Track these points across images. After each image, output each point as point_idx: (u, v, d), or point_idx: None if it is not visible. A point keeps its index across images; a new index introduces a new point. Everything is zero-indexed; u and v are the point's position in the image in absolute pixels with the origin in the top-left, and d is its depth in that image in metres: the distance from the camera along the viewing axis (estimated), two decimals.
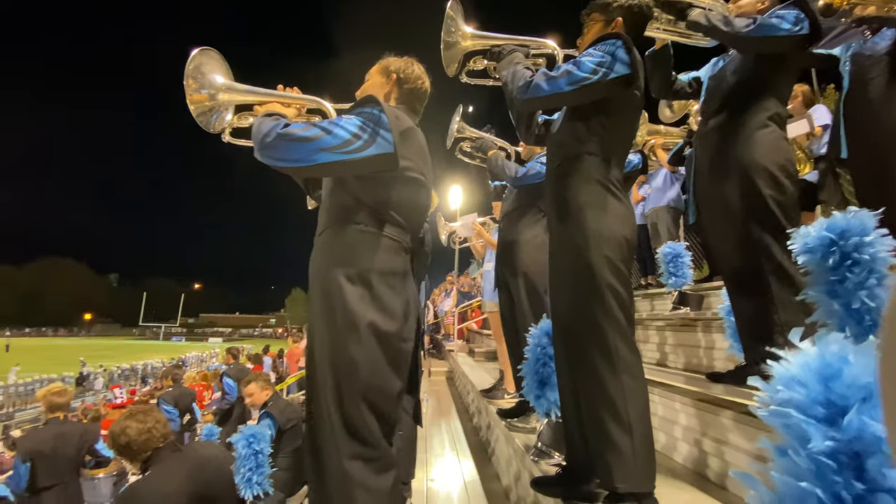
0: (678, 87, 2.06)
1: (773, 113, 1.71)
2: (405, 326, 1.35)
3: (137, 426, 1.69)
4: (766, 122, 1.68)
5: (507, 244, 2.59)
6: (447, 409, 5.17)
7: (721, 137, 1.76)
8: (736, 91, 1.77)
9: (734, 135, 1.71)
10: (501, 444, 2.85)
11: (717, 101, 1.82)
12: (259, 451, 2.55)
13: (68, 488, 3.30)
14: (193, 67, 1.47)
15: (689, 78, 2.07)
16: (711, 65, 1.98)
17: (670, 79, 2.04)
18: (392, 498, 1.28)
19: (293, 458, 2.98)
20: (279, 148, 1.24)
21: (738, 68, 1.78)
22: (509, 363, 3.14)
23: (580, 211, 1.39)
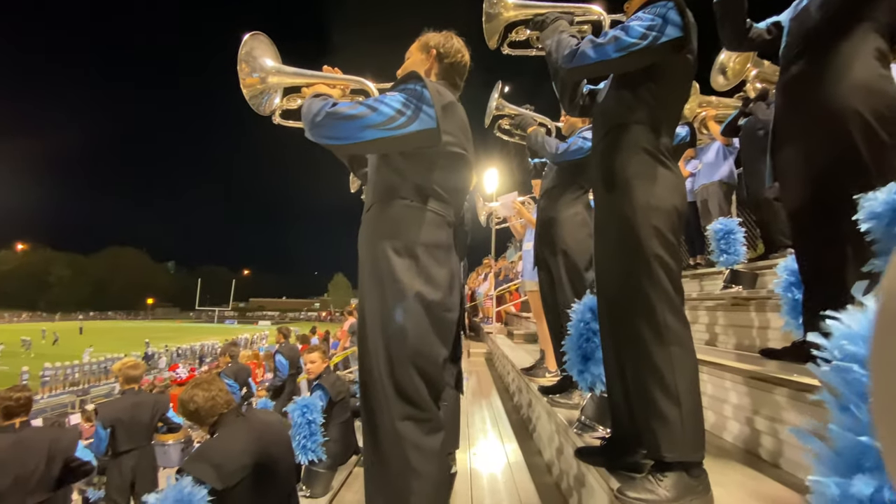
0: (754, 35, 1.84)
1: (873, 48, 1.45)
2: (449, 297, 1.39)
3: (203, 394, 1.84)
4: (864, 58, 1.44)
5: (546, 222, 2.57)
6: (487, 389, 5.24)
7: (807, 83, 1.53)
8: (822, 27, 1.52)
9: (822, 78, 1.47)
10: (543, 421, 2.88)
11: (801, 44, 1.60)
12: (312, 421, 2.72)
13: (144, 452, 3.65)
14: (245, 52, 1.52)
15: (768, 24, 1.84)
16: (793, 7, 1.76)
17: (744, 27, 1.82)
18: (441, 459, 1.35)
19: (342, 430, 3.14)
20: (328, 126, 1.28)
21: (825, 1, 1.54)
22: (550, 342, 3.14)
23: (628, 182, 1.36)
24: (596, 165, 1.52)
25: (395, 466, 1.25)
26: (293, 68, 1.62)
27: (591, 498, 1.80)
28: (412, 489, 1.22)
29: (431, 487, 1.26)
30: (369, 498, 1.31)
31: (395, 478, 1.24)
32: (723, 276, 3.23)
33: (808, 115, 1.54)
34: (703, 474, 1.28)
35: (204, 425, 1.86)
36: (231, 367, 5.35)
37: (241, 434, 1.80)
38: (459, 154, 1.45)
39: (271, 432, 1.94)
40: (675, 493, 1.22)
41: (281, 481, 1.86)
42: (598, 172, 1.50)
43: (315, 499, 2.59)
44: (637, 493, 1.25)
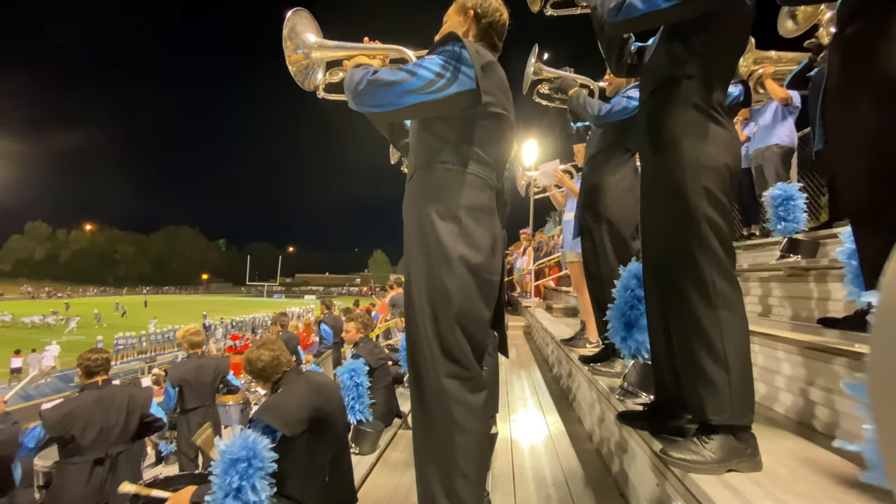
0: None
1: None
2: (492, 261, 1.40)
3: (269, 353, 1.99)
4: None
5: (591, 188, 2.49)
6: (526, 362, 5.29)
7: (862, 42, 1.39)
8: None
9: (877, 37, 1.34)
10: (583, 390, 2.89)
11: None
12: (359, 384, 2.86)
13: (208, 411, 3.99)
14: (289, 29, 1.54)
15: None
16: None
17: None
18: (484, 417, 1.39)
19: (385, 394, 3.28)
20: (370, 94, 1.30)
21: None
22: (592, 313, 3.11)
23: (676, 140, 1.30)
24: (643, 124, 1.46)
25: (439, 421, 1.30)
26: (334, 42, 1.63)
27: (632, 462, 1.82)
28: (456, 443, 1.27)
29: (475, 442, 1.31)
30: (418, 452, 1.37)
31: (440, 432, 1.29)
32: (779, 246, 3.05)
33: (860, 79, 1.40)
34: (751, 438, 1.26)
35: (268, 382, 2.01)
36: (281, 335, 5.68)
37: (301, 390, 1.94)
38: (500, 115, 1.43)
39: (327, 390, 2.07)
40: (721, 456, 1.22)
41: (336, 435, 1.99)
42: (644, 131, 1.44)
43: (364, 455, 2.75)
44: (681, 453, 1.25)
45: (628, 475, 1.87)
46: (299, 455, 1.79)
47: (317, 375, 2.13)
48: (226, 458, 1.56)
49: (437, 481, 1.28)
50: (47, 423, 2.79)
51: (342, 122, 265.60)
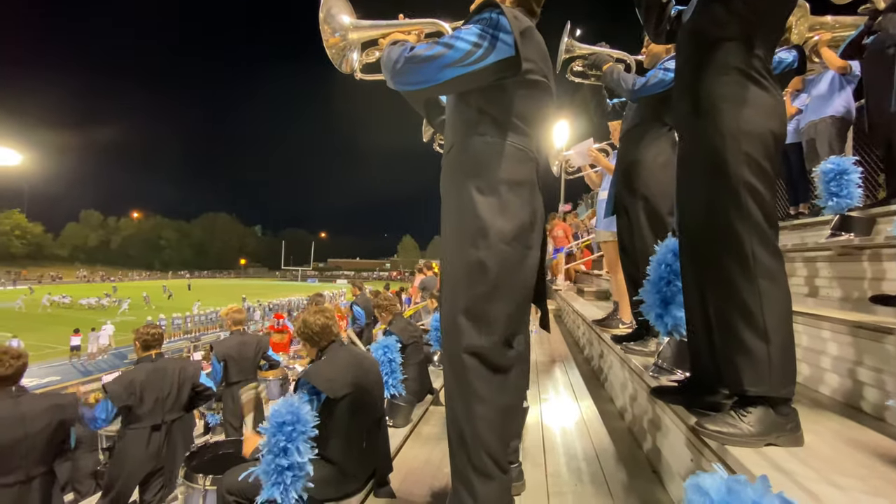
0: None
1: None
2: (532, 234, 1.38)
3: (323, 319, 2.10)
4: None
5: (627, 165, 2.43)
6: (557, 344, 5.27)
7: None
8: None
9: None
10: (615, 370, 2.87)
11: None
12: (392, 360, 2.95)
13: (249, 384, 4.21)
14: (325, 12, 1.54)
15: None
16: None
17: None
18: (510, 394, 1.40)
19: (418, 370, 3.37)
20: (408, 72, 1.29)
21: None
22: (625, 293, 3.06)
23: (715, 105, 1.25)
24: (680, 90, 1.41)
25: (461, 393, 1.32)
26: (369, 21, 1.62)
27: (665, 439, 1.81)
28: (476, 414, 1.29)
29: (496, 414, 1.32)
30: (448, 423, 1.41)
31: (462, 404, 1.32)
32: (829, 226, 2.88)
33: None
34: (792, 413, 1.23)
35: (314, 347, 2.11)
36: None
37: (343, 359, 2.03)
38: (540, 82, 1.39)
39: (366, 363, 2.16)
40: (760, 429, 1.19)
41: (373, 405, 2.08)
42: (682, 98, 1.39)
43: (398, 428, 2.85)
44: (717, 426, 1.23)
45: (661, 452, 1.86)
46: (340, 419, 1.88)
47: (355, 349, 2.21)
48: (273, 421, 1.66)
49: (463, 453, 1.31)
50: (111, 394, 3.03)
51: (372, 112, 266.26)
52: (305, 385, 1.83)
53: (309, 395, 1.82)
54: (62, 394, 2.86)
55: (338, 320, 7.06)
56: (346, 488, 1.95)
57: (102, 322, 20.64)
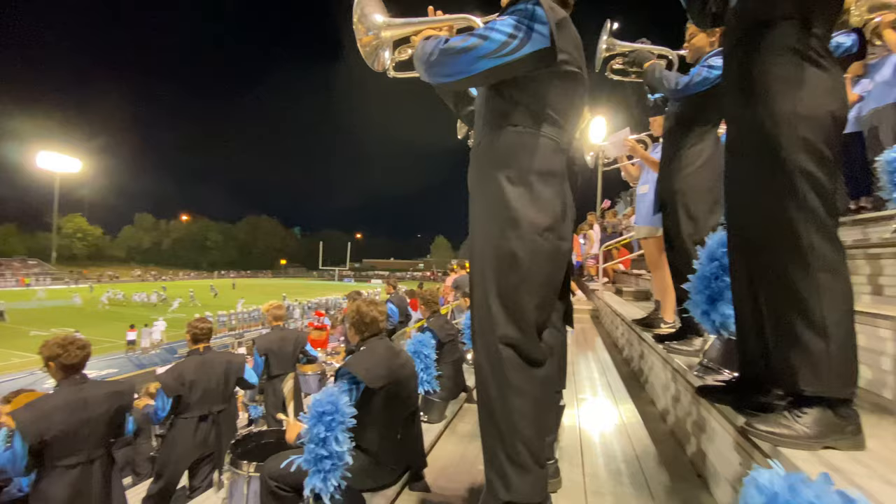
0: None
1: None
2: (562, 225, 1.36)
3: (377, 312, 2.18)
4: None
5: (668, 163, 2.36)
6: (594, 345, 5.15)
7: None
8: None
9: None
10: (657, 370, 2.77)
11: None
12: (427, 355, 2.96)
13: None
14: (360, 12, 1.56)
15: None
16: None
17: None
18: (544, 387, 1.38)
19: (453, 368, 3.37)
20: (442, 64, 1.29)
21: None
22: (668, 292, 2.95)
23: (769, 89, 1.17)
24: (730, 75, 1.33)
25: (497, 385, 1.31)
26: (401, 19, 1.63)
27: (711, 442, 1.73)
28: (514, 406, 1.28)
29: (533, 406, 1.30)
30: (481, 417, 1.39)
31: (500, 397, 1.30)
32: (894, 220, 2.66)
33: None
34: (852, 415, 1.14)
35: (359, 335, 2.19)
36: None
37: (381, 352, 2.09)
38: (575, 73, 1.37)
39: (402, 356, 2.21)
40: (817, 431, 1.12)
41: (408, 399, 2.11)
42: (732, 83, 1.32)
43: (432, 424, 2.86)
44: (770, 426, 1.16)
45: (707, 455, 1.78)
46: (377, 410, 1.92)
47: (393, 344, 2.25)
48: (314, 411, 1.71)
49: (499, 445, 1.30)
50: (164, 385, 3.21)
51: (407, 115, 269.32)
52: (346, 375, 1.88)
53: (348, 384, 1.87)
54: (120, 381, 3.06)
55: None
56: (382, 479, 1.98)
57: (155, 319, 21.93)
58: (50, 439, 2.39)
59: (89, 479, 2.54)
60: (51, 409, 2.43)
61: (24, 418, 2.37)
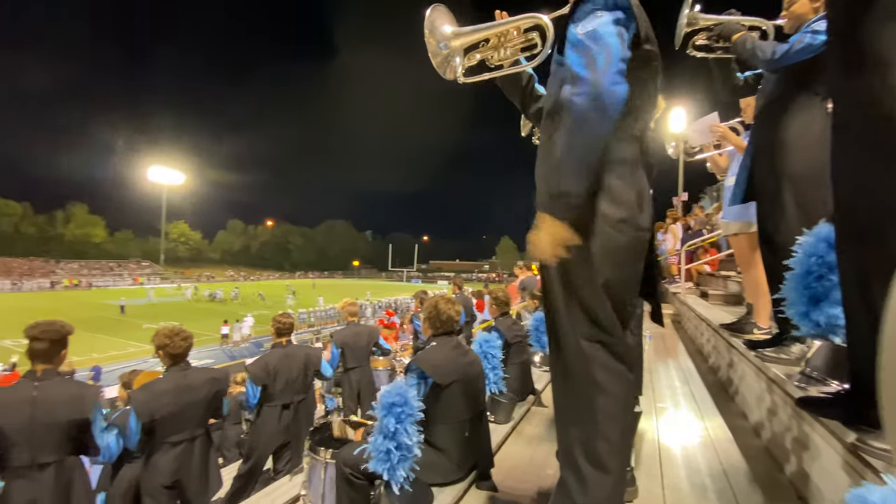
0: None
1: None
2: (639, 215, 1.29)
3: (453, 311, 2.24)
4: None
5: (767, 144, 2.08)
6: (675, 352, 4.79)
7: None
8: None
9: None
10: (749, 380, 2.51)
11: None
12: (493, 356, 2.95)
13: (364, 371, 4.58)
14: (429, 26, 1.58)
15: None
16: None
17: None
18: (629, 387, 1.31)
19: (520, 370, 3.33)
20: (591, 123, 1.16)
21: None
22: (763, 294, 2.67)
23: (882, 59, 1.01)
24: (835, 46, 1.18)
25: (580, 384, 1.26)
26: (469, 27, 1.63)
27: (814, 461, 1.54)
28: (598, 405, 1.23)
29: (617, 406, 1.24)
30: (559, 417, 1.36)
31: (581, 395, 1.26)
32: None
33: None
34: None
35: (432, 330, 2.24)
36: (419, 311, 6.17)
37: (450, 349, 2.13)
38: (652, 53, 1.29)
39: (471, 355, 2.24)
40: None
41: (476, 397, 2.12)
42: (837, 55, 1.16)
43: (499, 424, 2.84)
44: (886, 443, 1.01)
45: (810, 476, 1.58)
46: (445, 406, 1.95)
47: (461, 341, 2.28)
48: (384, 402, 1.78)
49: (579, 444, 1.26)
50: (252, 375, 3.51)
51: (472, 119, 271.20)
52: (416, 369, 1.93)
53: (417, 378, 1.91)
54: (217, 369, 3.40)
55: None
56: (449, 476, 2.00)
57: (244, 315, 24.08)
58: (160, 418, 2.72)
59: (191, 454, 2.85)
60: (161, 392, 2.76)
61: (139, 399, 2.71)
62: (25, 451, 2.27)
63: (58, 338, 2.44)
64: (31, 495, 2.27)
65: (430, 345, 2.14)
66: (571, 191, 1.16)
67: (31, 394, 2.32)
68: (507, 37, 1.64)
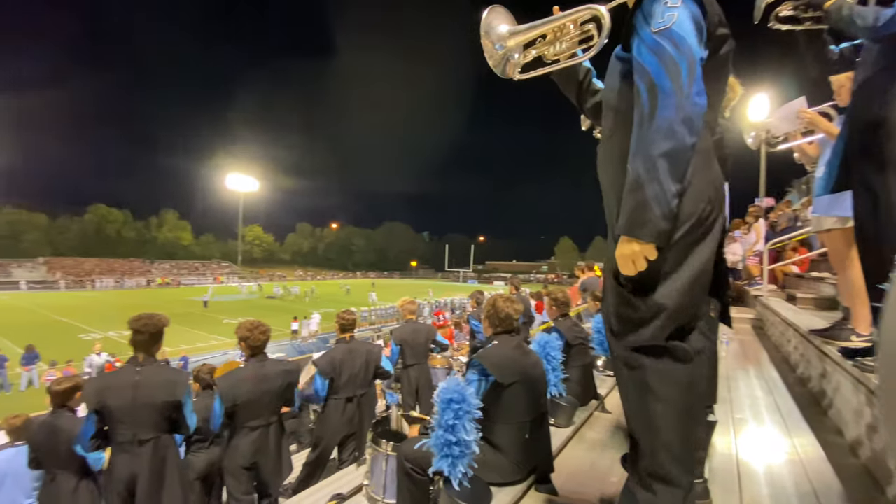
0: None
1: None
2: (712, 214, 1.21)
3: (512, 309, 2.22)
4: None
5: (866, 124, 1.83)
6: (757, 360, 4.39)
7: None
8: None
9: None
10: (845, 392, 2.25)
11: None
12: (553, 357, 2.88)
13: (422, 368, 4.67)
14: (486, 28, 1.58)
15: None
16: None
17: None
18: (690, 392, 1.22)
19: (582, 373, 3.22)
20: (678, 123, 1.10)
21: None
22: (861, 295, 2.37)
23: None
24: None
25: (637, 389, 1.22)
26: (525, 25, 1.60)
27: None
28: (655, 412, 1.18)
29: (676, 412, 1.18)
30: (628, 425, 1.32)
31: (638, 401, 1.22)
32: None
33: None
34: None
35: (491, 328, 2.24)
36: (475, 311, 6.17)
37: (512, 348, 2.12)
38: (725, 37, 1.19)
39: (533, 356, 2.21)
40: None
41: (538, 399, 2.08)
42: None
43: (559, 428, 2.78)
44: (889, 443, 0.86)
45: None
46: (506, 406, 1.94)
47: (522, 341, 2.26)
48: (442, 398, 1.80)
49: (642, 452, 1.22)
50: (319, 368, 3.72)
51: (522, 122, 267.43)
52: (478, 366, 1.94)
53: (478, 375, 1.92)
54: (290, 361, 3.63)
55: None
56: (508, 476, 1.99)
57: (312, 312, 25.45)
58: (241, 404, 2.96)
59: (267, 439, 3.07)
60: (242, 380, 3.01)
61: (223, 385, 2.97)
62: (128, 429, 2.59)
63: (156, 330, 2.75)
64: (131, 468, 2.57)
65: (490, 343, 2.14)
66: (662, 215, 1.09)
67: (133, 378, 2.63)
68: (564, 30, 1.60)
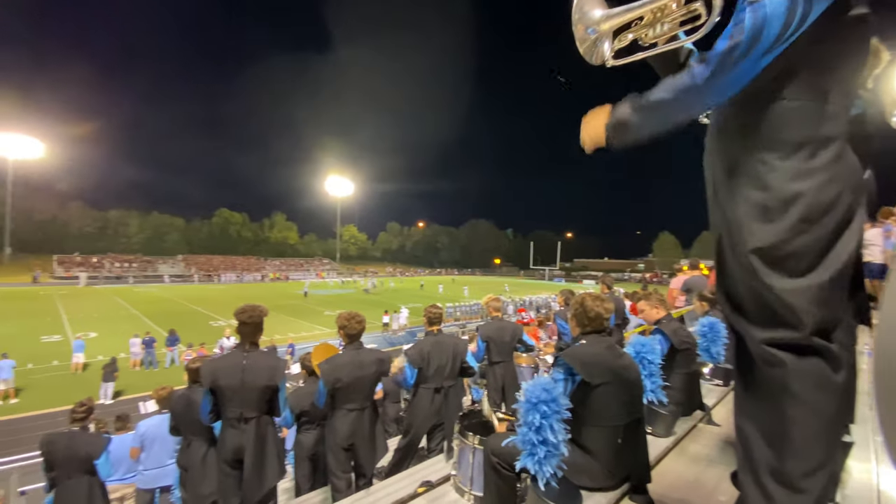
0: None
1: None
2: (848, 204, 1.06)
3: (602, 308, 2.13)
4: None
5: None
6: None
7: None
8: None
9: None
10: None
11: None
12: (651, 361, 2.69)
13: (508, 365, 4.65)
14: (577, 13, 1.51)
15: None
16: None
17: None
18: (834, 399, 1.07)
19: (685, 380, 2.97)
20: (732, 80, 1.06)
21: None
22: None
23: None
24: None
25: (769, 392, 1.10)
26: (621, 7, 1.52)
27: None
28: (789, 417, 1.05)
29: (819, 421, 1.04)
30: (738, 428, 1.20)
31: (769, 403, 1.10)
32: None
33: None
34: None
35: (579, 328, 2.17)
36: (562, 310, 5.97)
37: (602, 348, 2.02)
38: (865, 17, 1.01)
39: (626, 358, 2.08)
40: None
41: (632, 403, 1.97)
42: None
43: (657, 437, 2.60)
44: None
45: None
46: (596, 408, 1.86)
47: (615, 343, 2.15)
48: (529, 397, 1.78)
49: (765, 463, 1.09)
50: (410, 358, 3.90)
51: None
52: (563, 364, 1.89)
53: (564, 374, 1.87)
54: (381, 351, 3.86)
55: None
56: (599, 481, 1.91)
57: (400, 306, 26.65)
58: (340, 387, 3.22)
59: (362, 421, 3.30)
60: (341, 365, 3.27)
61: (325, 369, 3.25)
62: (236, 407, 2.98)
63: (259, 320, 3.14)
64: (238, 442, 2.97)
65: (578, 342, 2.07)
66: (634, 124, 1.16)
67: (241, 362, 3.01)
68: (666, 11, 1.48)
